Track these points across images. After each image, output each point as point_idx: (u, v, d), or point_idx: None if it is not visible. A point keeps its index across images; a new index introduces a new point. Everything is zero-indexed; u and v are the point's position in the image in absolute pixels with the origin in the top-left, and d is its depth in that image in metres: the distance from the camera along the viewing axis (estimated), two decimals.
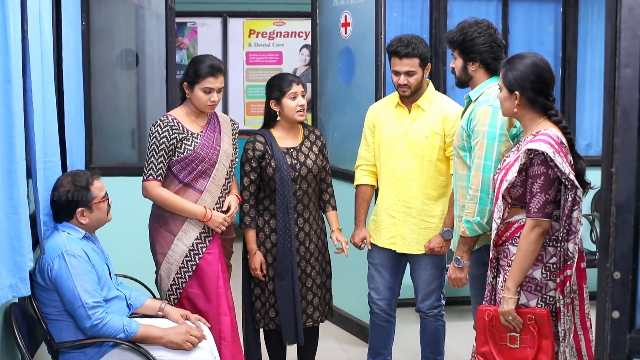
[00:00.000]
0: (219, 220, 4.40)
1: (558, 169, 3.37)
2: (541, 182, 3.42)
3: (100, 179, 3.99)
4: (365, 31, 5.53)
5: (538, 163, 3.42)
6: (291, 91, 4.60)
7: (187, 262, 4.40)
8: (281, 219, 4.61)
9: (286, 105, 4.61)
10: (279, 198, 4.60)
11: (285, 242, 4.61)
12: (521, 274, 3.48)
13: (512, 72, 3.55)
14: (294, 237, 4.62)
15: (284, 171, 4.59)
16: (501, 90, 3.62)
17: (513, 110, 3.58)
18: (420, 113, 4.58)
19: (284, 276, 4.62)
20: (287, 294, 4.63)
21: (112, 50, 5.89)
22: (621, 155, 2.11)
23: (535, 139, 3.45)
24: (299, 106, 4.61)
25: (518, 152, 3.53)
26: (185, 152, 4.33)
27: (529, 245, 3.44)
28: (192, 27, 9.11)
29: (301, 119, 4.65)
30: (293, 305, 4.63)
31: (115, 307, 3.90)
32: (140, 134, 6.03)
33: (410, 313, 6.15)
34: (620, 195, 2.11)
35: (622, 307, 2.11)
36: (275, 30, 9.28)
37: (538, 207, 3.42)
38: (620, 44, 2.13)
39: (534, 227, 3.44)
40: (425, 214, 4.59)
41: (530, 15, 6.71)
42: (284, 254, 4.62)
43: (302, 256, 4.67)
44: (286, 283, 4.62)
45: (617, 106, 2.12)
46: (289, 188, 4.59)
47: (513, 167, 3.50)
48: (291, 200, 4.60)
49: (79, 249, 3.76)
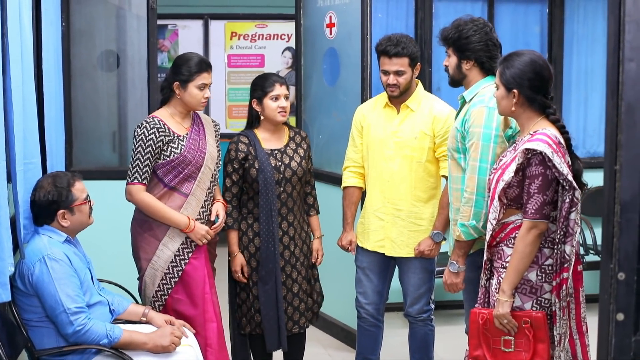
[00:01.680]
0: (202, 232, 4.31)
1: (556, 170, 3.30)
2: (539, 182, 3.34)
3: (82, 181, 3.91)
4: (351, 31, 5.47)
5: (536, 163, 3.35)
6: (273, 92, 4.53)
7: (173, 268, 4.31)
8: (264, 222, 4.53)
9: (267, 105, 4.55)
10: (262, 200, 4.52)
11: (269, 245, 4.53)
12: (517, 276, 3.40)
13: (509, 69, 3.47)
14: (277, 240, 4.54)
15: (268, 173, 4.51)
16: (498, 89, 3.54)
17: (511, 109, 3.50)
18: (409, 113, 4.51)
19: (267, 281, 4.54)
20: (270, 299, 4.55)
21: (93, 51, 5.84)
22: (625, 153, 2.05)
23: (533, 139, 3.38)
24: (279, 107, 4.53)
25: (515, 152, 3.46)
26: (171, 155, 4.25)
27: (526, 247, 3.37)
28: (173, 29, 9.03)
29: (282, 119, 4.58)
30: (276, 311, 4.55)
31: (98, 312, 3.82)
32: (121, 137, 5.97)
33: (397, 317, 6.12)
34: (625, 193, 2.05)
35: (627, 309, 2.05)
36: (257, 33, 9.22)
37: (535, 208, 3.35)
38: (624, 37, 2.06)
39: (531, 228, 3.36)
40: (415, 216, 4.52)
41: (516, 16, 6.69)
42: (267, 258, 4.54)
43: (287, 260, 4.60)
44: (269, 288, 4.54)
45: (621, 102, 2.06)
46: (273, 190, 4.51)
47: (510, 167, 3.43)
48: (275, 203, 4.52)
49: (60, 252, 3.68)
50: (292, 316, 4.64)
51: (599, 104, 6.92)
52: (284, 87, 4.57)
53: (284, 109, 4.55)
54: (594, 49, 6.86)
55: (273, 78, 4.60)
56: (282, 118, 4.56)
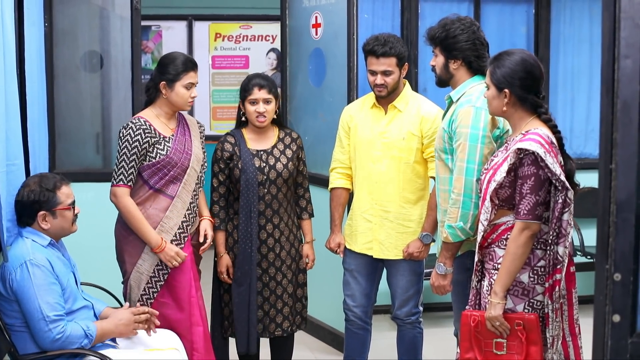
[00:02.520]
0: (171, 253, 4.22)
1: (549, 170, 3.26)
2: (531, 182, 3.30)
3: (70, 186, 3.84)
4: (337, 32, 5.43)
5: (528, 163, 3.31)
6: (251, 96, 4.48)
7: (159, 271, 4.26)
8: (243, 222, 4.48)
9: (247, 109, 4.52)
10: (243, 201, 4.47)
11: (246, 247, 4.48)
12: (509, 278, 3.36)
13: (500, 69, 3.43)
14: (255, 242, 4.48)
15: (250, 173, 4.46)
16: (488, 89, 3.50)
17: (502, 109, 3.46)
18: (397, 114, 4.47)
19: (241, 282, 4.50)
20: (244, 300, 4.50)
21: (76, 52, 5.80)
22: (621, 151, 2.03)
23: (525, 139, 3.34)
24: (256, 112, 4.48)
25: (506, 152, 3.42)
26: (157, 157, 4.19)
27: (518, 249, 3.33)
28: (156, 30, 8.97)
29: (259, 125, 4.52)
30: (247, 313, 4.50)
31: (83, 317, 3.76)
32: (105, 138, 5.93)
33: (385, 320, 6.08)
34: (621, 192, 2.03)
35: (623, 311, 2.03)
36: (241, 34, 9.18)
37: (528, 209, 3.31)
38: (620, 34, 2.03)
39: (524, 229, 3.32)
40: (403, 218, 4.48)
41: (503, 16, 6.67)
42: (244, 260, 4.49)
43: (271, 263, 4.55)
44: (244, 289, 4.50)
45: (616, 99, 2.03)
46: (254, 191, 4.47)
47: (502, 167, 3.39)
48: (255, 204, 4.47)
49: (43, 258, 3.61)
50: (275, 319, 4.58)
51: (585, 104, 6.92)
52: (264, 91, 4.48)
53: (261, 114, 4.49)
54: (580, 50, 6.85)
55: (254, 81, 4.52)
56: (258, 123, 4.51)
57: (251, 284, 4.49)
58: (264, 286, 4.55)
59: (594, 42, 6.82)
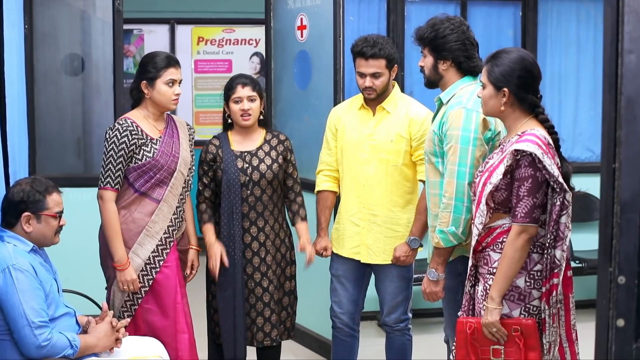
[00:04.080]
0: (128, 277, 4.11)
1: (546, 171, 3.19)
2: (528, 184, 3.23)
3: (62, 195, 3.77)
4: (323, 34, 5.36)
5: (525, 165, 3.23)
6: (235, 95, 4.42)
7: (143, 277, 4.17)
8: (225, 224, 4.41)
9: (231, 109, 4.45)
10: (224, 202, 4.40)
11: (229, 249, 4.39)
12: (506, 282, 3.28)
13: (498, 67, 3.35)
14: (239, 245, 4.40)
15: (231, 175, 4.39)
16: (485, 88, 3.42)
17: (499, 109, 3.38)
18: (385, 115, 4.40)
19: (226, 287, 4.41)
20: (228, 306, 4.41)
21: (57, 54, 5.76)
22: (625, 150, 1.96)
23: (522, 139, 3.26)
24: (241, 110, 4.41)
25: (502, 154, 3.35)
26: (143, 159, 4.12)
27: (515, 253, 3.25)
28: (138, 34, 8.89)
29: (246, 124, 4.44)
30: (233, 318, 4.41)
31: (65, 324, 3.68)
32: (86, 143, 5.87)
33: (372, 327, 6.01)
34: (625, 192, 1.96)
35: (628, 315, 1.96)
36: (224, 38, 9.10)
37: (525, 212, 3.23)
38: (624, 29, 1.97)
39: (521, 233, 3.24)
40: (391, 221, 4.40)
41: (489, 19, 6.64)
42: (229, 263, 4.39)
43: (256, 267, 4.46)
44: (228, 294, 4.41)
45: (620, 96, 1.97)
46: (236, 193, 4.39)
47: (498, 169, 3.31)
48: (237, 206, 4.39)
49: (26, 263, 3.53)
50: (263, 327, 4.50)
51: (573, 107, 6.89)
52: (248, 88, 4.43)
53: (245, 112, 4.41)
54: (568, 53, 6.83)
55: (237, 80, 4.48)
56: (244, 122, 4.43)
57: (236, 288, 4.41)
58: (250, 292, 4.47)
59: (581, 45, 6.81)
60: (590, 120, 6.86)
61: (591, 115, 6.86)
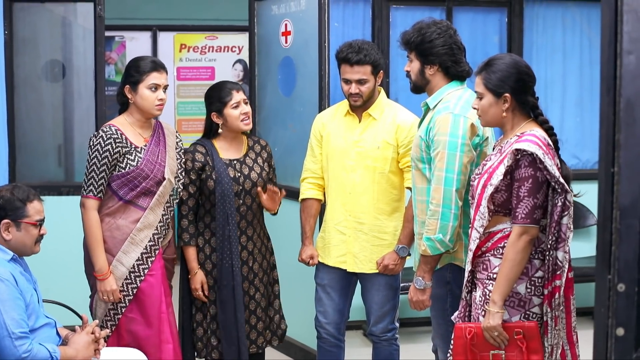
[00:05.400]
0: (108, 287, 4.05)
1: (547, 172, 3.15)
2: (529, 185, 3.18)
3: (43, 204, 3.69)
4: (308, 39, 5.30)
5: (525, 165, 3.18)
6: (233, 100, 4.33)
7: (127, 285, 4.09)
8: (221, 236, 4.32)
9: (229, 115, 4.34)
10: (219, 214, 4.31)
11: (225, 261, 4.31)
12: (508, 286, 3.22)
13: (495, 73, 3.31)
14: (236, 256, 4.32)
15: (226, 184, 4.30)
16: (482, 98, 3.35)
17: (501, 116, 3.33)
18: (372, 122, 4.33)
19: (226, 300, 4.32)
20: (230, 319, 4.33)
21: (37, 60, 5.69)
22: (624, 153, 1.92)
23: (522, 140, 3.22)
24: (242, 114, 4.34)
25: (501, 155, 3.30)
26: (127, 168, 4.04)
27: (517, 254, 3.19)
28: (120, 41, 8.80)
29: (247, 127, 4.39)
30: (236, 331, 4.33)
31: (45, 335, 3.60)
32: (67, 151, 5.80)
33: (357, 336, 5.94)
34: (624, 197, 1.92)
35: (628, 323, 1.92)
36: (207, 45, 9.03)
37: (526, 212, 3.18)
38: (622, 29, 1.92)
39: (522, 234, 3.19)
40: (378, 230, 4.34)
41: (475, 25, 6.60)
42: (225, 276, 4.32)
43: (244, 277, 4.39)
44: (228, 307, 4.32)
45: (619, 98, 1.92)
46: (231, 203, 4.31)
47: (498, 170, 3.26)
48: (233, 216, 4.31)
49: (7, 272, 3.46)
50: (249, 335, 4.43)
51: (559, 114, 6.85)
52: (241, 92, 4.38)
53: (247, 115, 4.36)
54: (554, 59, 6.80)
55: (228, 86, 4.40)
56: (246, 127, 4.38)
57: (236, 300, 4.32)
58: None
59: (567, 52, 6.78)
60: (576, 127, 6.83)
61: (577, 122, 6.83)
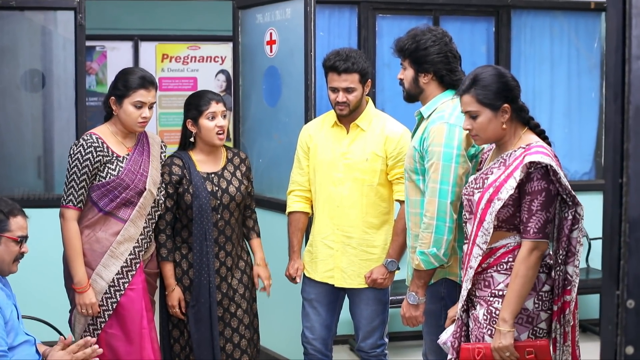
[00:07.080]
0: (87, 301, 3.94)
1: (560, 184, 3.07)
2: (542, 198, 3.08)
3: (27, 221, 3.57)
4: (293, 49, 5.20)
5: (538, 177, 3.09)
6: (209, 110, 4.22)
7: (107, 300, 3.98)
8: (198, 252, 4.21)
9: (204, 126, 4.23)
10: (196, 229, 4.20)
11: (202, 278, 4.20)
12: (519, 303, 3.12)
13: (488, 87, 3.21)
14: (212, 272, 4.21)
15: (203, 199, 4.19)
16: (478, 117, 3.24)
17: (501, 129, 3.23)
18: (360, 133, 4.23)
19: (200, 318, 4.22)
20: (205, 338, 4.22)
21: (16, 70, 5.58)
22: (634, 163, 1.82)
23: (533, 152, 3.12)
24: (217, 127, 4.22)
25: (505, 167, 3.18)
26: (107, 177, 3.95)
27: (529, 270, 3.10)
28: (101, 51, 8.67)
29: (220, 143, 4.28)
30: (212, 349, 4.22)
31: (24, 353, 3.47)
32: (46, 162, 5.70)
33: (343, 351, 5.85)
34: (634, 209, 1.82)
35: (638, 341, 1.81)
36: (189, 55, 8.90)
37: (538, 227, 3.09)
38: (631, 33, 1.83)
39: (533, 249, 3.10)
40: (366, 244, 4.24)
41: (462, 35, 6.51)
42: (201, 292, 4.21)
43: (224, 293, 4.28)
44: (204, 326, 4.21)
45: (627, 105, 1.82)
46: (209, 218, 4.19)
47: (507, 184, 3.13)
48: (210, 231, 4.20)
49: None
50: (233, 354, 4.31)
51: (547, 125, 6.74)
52: (221, 104, 4.27)
53: (222, 128, 4.24)
54: (542, 69, 6.73)
55: (208, 95, 4.30)
56: (219, 141, 4.26)
57: (212, 318, 4.21)
58: (219, 319, 4.27)
59: (555, 62, 6.72)
60: (564, 138, 6.76)
61: (565, 133, 6.77)
